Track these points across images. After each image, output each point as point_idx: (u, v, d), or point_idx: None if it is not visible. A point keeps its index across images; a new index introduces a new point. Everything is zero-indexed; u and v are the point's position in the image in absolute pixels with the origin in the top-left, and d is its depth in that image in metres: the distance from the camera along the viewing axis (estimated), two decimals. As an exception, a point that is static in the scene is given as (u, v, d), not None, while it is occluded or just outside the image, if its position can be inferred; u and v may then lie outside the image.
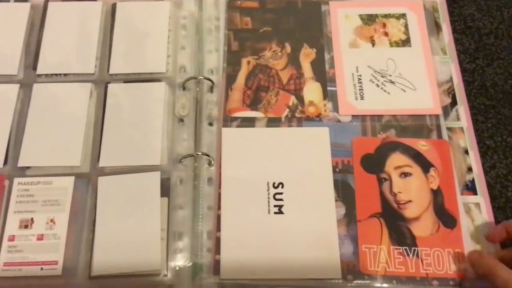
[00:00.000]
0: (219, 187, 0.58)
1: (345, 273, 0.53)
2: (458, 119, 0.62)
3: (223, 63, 0.65)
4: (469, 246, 0.55)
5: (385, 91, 0.63)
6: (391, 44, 0.67)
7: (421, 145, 0.59)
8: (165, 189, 0.57)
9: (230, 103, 0.63)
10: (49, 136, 0.60)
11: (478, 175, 0.59)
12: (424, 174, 0.58)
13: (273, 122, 0.62)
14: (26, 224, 0.55)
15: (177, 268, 0.54)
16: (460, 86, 0.64)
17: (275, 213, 0.56)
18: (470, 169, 0.59)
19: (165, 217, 0.56)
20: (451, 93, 0.64)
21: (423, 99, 0.63)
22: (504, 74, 0.67)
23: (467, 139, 0.61)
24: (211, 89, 0.63)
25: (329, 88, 0.64)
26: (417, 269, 0.54)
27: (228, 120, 0.62)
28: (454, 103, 0.63)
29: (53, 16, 0.68)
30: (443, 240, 0.55)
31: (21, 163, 0.58)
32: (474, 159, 0.60)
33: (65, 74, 0.64)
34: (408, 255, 0.54)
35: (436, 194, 0.57)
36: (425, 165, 0.58)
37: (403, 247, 0.55)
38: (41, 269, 0.53)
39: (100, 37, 0.66)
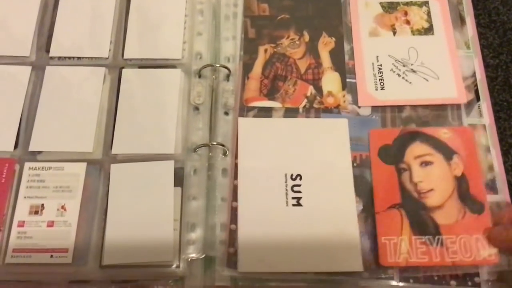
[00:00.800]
0: (234, 178, 0.56)
1: (366, 266, 0.52)
2: (480, 115, 0.60)
3: (240, 51, 0.63)
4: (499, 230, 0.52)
5: (406, 80, 0.61)
6: (413, 33, 0.65)
7: (443, 133, 0.57)
8: (179, 179, 0.56)
9: (247, 92, 0.61)
10: (61, 121, 0.59)
11: (499, 174, 0.57)
12: (446, 161, 0.56)
13: (290, 112, 0.60)
14: (36, 210, 0.54)
15: (190, 259, 0.53)
16: (483, 81, 0.62)
17: (293, 205, 0.55)
18: (491, 168, 0.57)
19: (178, 207, 0.54)
20: (474, 88, 0.62)
21: (447, 88, 0.61)
22: (529, 71, 0.65)
23: (489, 136, 0.59)
24: (227, 78, 0.62)
25: (348, 80, 0.62)
26: (442, 258, 0.51)
27: (244, 110, 0.60)
28: (476, 99, 0.61)
29: (68, -3, 0.66)
30: (470, 226, 0.52)
31: (32, 147, 0.57)
32: (495, 158, 0.58)
33: (79, 58, 0.63)
34: (431, 244, 0.52)
35: (461, 180, 0.55)
36: (448, 153, 0.56)
37: (426, 236, 0.52)
38: (51, 256, 0.52)
39: (114, 21, 0.65)
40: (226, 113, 0.60)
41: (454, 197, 0.54)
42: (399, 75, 0.62)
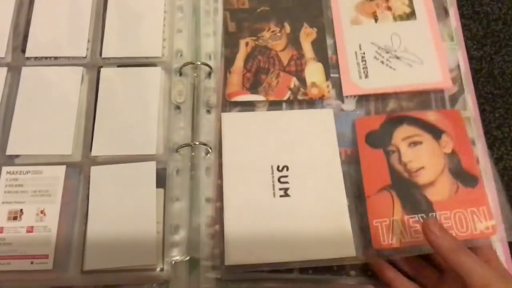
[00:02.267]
0: (218, 178, 0.55)
1: (357, 250, 0.51)
2: (464, 108, 0.60)
3: (222, 47, 0.62)
4: (495, 203, 0.52)
5: (390, 67, 0.61)
6: (394, 18, 0.64)
7: (430, 115, 0.57)
8: (161, 180, 0.55)
9: (229, 87, 0.60)
10: (39, 123, 0.57)
11: (485, 167, 0.57)
12: (435, 140, 0.55)
13: (274, 105, 0.59)
14: (15, 216, 0.53)
15: (174, 262, 0.52)
16: (467, 73, 0.62)
17: (281, 196, 0.53)
18: (476, 161, 0.57)
19: (161, 209, 0.53)
20: (458, 81, 0.61)
21: (431, 73, 0.60)
22: (513, 62, 0.65)
23: (474, 129, 0.59)
24: (208, 75, 0.60)
25: (332, 75, 0.61)
26: None
27: (227, 105, 0.59)
28: (461, 91, 0.61)
29: (43, -5, 0.64)
30: (464, 200, 0.52)
31: (10, 151, 0.56)
32: (480, 150, 0.58)
33: (56, 58, 0.61)
34: None
35: (451, 156, 0.54)
36: (436, 132, 0.56)
37: (419, 215, 0.51)
38: (31, 263, 0.51)
39: (92, 18, 0.63)
40: (208, 112, 0.59)
41: (446, 173, 0.53)
42: (382, 62, 0.61)
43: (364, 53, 0.62)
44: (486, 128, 0.60)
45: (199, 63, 0.60)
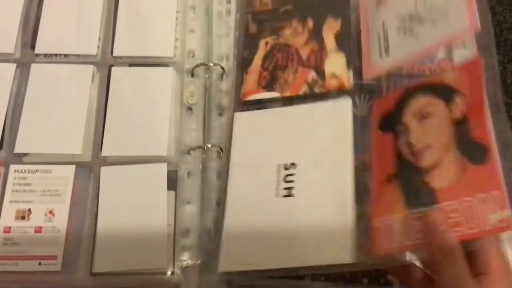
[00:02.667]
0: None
1: (358, 256, 0.47)
2: (477, 117, 0.59)
3: (234, 49, 0.61)
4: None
5: (412, 36, 0.56)
6: None
7: (447, 75, 0.51)
8: (172, 182, 0.54)
9: (245, 86, 0.58)
10: (48, 121, 0.56)
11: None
12: (446, 107, 0.49)
13: (287, 101, 0.57)
14: (23, 215, 0.52)
15: (184, 266, 0.51)
16: (480, 82, 0.62)
17: (284, 196, 0.51)
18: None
19: (172, 212, 0.53)
20: (471, 89, 0.61)
21: (457, 21, 0.54)
22: (525, 71, 0.64)
23: (486, 138, 0.58)
24: (221, 77, 0.60)
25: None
26: None
27: (239, 107, 0.57)
28: (473, 100, 0.60)
29: (53, -10, 0.63)
30: (473, 183, 0.43)
31: (18, 149, 0.55)
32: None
33: (66, 55, 0.60)
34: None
35: (460, 123, 0.47)
36: (450, 95, 0.49)
37: (422, 209, 0.44)
38: (39, 264, 0.50)
39: (103, 16, 0.62)
40: (220, 114, 0.58)
41: (452, 149, 0.46)
42: (404, 33, 0.57)
43: (386, 30, 0.58)
44: (498, 138, 0.59)
45: (212, 64, 0.59)
